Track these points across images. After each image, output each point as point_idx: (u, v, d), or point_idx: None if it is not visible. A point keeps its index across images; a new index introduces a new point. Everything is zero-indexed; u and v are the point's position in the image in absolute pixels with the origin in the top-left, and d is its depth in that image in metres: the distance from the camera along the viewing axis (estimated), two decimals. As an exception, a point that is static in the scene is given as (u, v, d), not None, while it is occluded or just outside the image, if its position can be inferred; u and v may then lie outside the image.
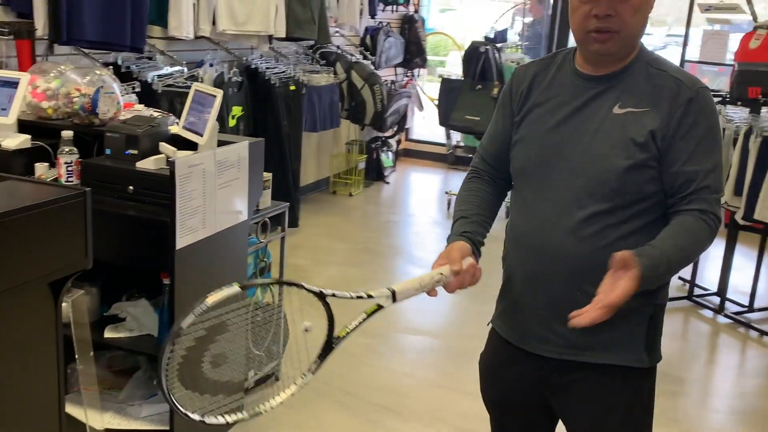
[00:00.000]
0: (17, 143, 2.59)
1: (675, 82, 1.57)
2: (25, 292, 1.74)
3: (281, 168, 5.08)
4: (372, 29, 6.85)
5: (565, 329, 1.64)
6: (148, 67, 4.12)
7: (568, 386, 1.69)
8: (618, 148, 1.56)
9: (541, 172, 1.65)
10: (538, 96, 1.70)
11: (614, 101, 1.59)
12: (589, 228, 1.59)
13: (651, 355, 1.67)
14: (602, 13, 1.52)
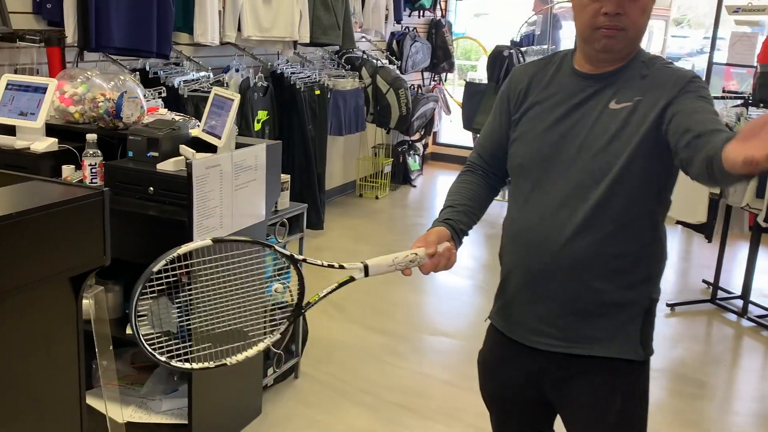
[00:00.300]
0: (45, 146, 2.69)
1: (670, 71, 1.62)
2: (47, 285, 1.82)
3: (306, 171, 5.17)
4: (398, 34, 6.91)
5: (565, 323, 1.69)
6: (175, 72, 4.23)
7: (566, 379, 1.72)
8: (616, 141, 1.59)
9: (540, 168, 1.68)
10: (536, 95, 1.73)
11: (611, 98, 1.63)
12: (589, 221, 1.61)
13: (646, 349, 1.70)
14: (612, 11, 1.56)
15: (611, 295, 1.65)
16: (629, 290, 1.66)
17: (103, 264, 1.98)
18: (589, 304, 1.66)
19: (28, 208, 1.71)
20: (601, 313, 1.67)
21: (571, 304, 1.67)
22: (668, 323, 4.28)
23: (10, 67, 3.36)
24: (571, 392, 1.73)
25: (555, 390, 1.75)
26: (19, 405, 1.73)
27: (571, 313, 1.68)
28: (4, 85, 2.75)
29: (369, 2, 5.80)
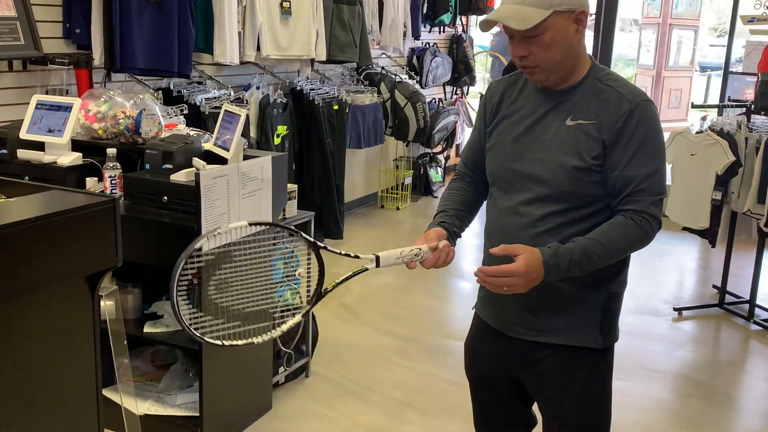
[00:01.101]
0: (70, 160, 2.93)
1: (617, 95, 1.75)
2: (65, 283, 2.02)
3: (326, 183, 5.38)
4: (419, 50, 7.11)
5: (531, 315, 1.88)
6: (198, 90, 4.47)
7: (534, 364, 1.90)
8: (569, 155, 1.76)
9: (507, 177, 1.87)
10: (506, 108, 1.91)
11: (566, 114, 1.79)
12: (545, 226, 1.79)
13: (605, 337, 1.87)
14: (517, 54, 1.76)
15: (570, 293, 1.83)
16: (587, 288, 1.83)
17: (116, 264, 2.18)
18: (551, 301, 1.84)
19: (44, 213, 1.93)
20: (561, 308, 1.85)
21: (535, 300, 1.84)
22: (675, 327, 4.37)
23: (42, 88, 3.62)
24: (539, 374, 1.91)
25: (525, 373, 1.94)
26: (38, 397, 1.88)
27: (535, 307, 1.86)
28: (34, 104, 2.99)
29: (386, 20, 6.01)
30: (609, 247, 1.72)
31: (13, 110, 3.47)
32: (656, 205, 1.75)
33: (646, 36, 13.56)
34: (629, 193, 1.74)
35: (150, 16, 3.83)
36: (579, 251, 1.70)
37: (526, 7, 1.69)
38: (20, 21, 3.42)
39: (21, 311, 1.84)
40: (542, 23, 1.69)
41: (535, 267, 1.68)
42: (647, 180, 1.73)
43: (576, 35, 1.75)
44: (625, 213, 1.74)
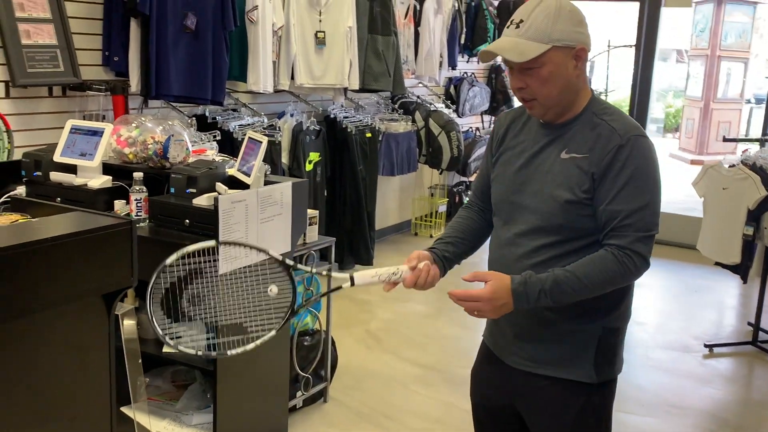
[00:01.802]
0: (100, 183, 3.04)
1: (609, 130, 1.76)
2: (82, 301, 2.10)
3: (357, 209, 5.44)
4: (456, 79, 7.17)
5: (526, 344, 1.89)
6: (232, 118, 4.59)
7: (529, 394, 1.91)
8: (561, 189, 1.78)
9: (507, 209, 1.90)
10: (510, 140, 1.94)
11: (562, 148, 1.81)
12: (537, 258, 1.81)
13: (600, 372, 1.86)
14: (515, 86, 1.80)
15: (562, 325, 1.83)
16: (580, 321, 1.83)
17: (131, 285, 2.26)
18: (544, 332, 1.85)
19: (63, 233, 2.01)
20: (554, 340, 1.85)
21: (529, 330, 1.87)
22: (705, 364, 4.28)
23: (80, 113, 3.77)
24: (533, 404, 1.92)
25: (521, 402, 1.94)
26: (52, 412, 1.93)
27: (529, 338, 1.87)
28: (69, 129, 3.12)
29: (422, 51, 6.09)
30: (583, 280, 1.71)
31: (52, 134, 3.62)
32: (642, 241, 1.73)
33: (695, 67, 13.42)
34: (614, 228, 1.73)
35: (185, 45, 3.97)
36: (551, 282, 1.71)
37: (525, 41, 1.72)
38: (60, 49, 3.58)
39: (38, 327, 1.91)
40: (540, 57, 1.72)
41: (502, 294, 1.70)
42: (633, 215, 1.72)
43: (575, 71, 1.77)
44: (609, 247, 1.74)
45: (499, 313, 1.73)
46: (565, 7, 1.75)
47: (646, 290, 5.78)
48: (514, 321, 1.87)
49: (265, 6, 4.41)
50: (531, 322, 1.85)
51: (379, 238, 6.34)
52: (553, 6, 1.73)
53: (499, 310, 1.72)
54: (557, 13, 1.73)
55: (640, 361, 4.32)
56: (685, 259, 6.34)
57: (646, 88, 7.02)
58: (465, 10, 6.95)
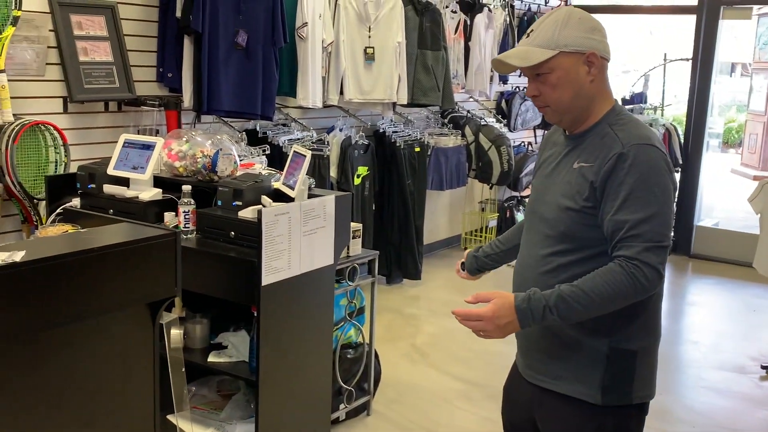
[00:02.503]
0: (150, 195, 3.13)
1: (613, 139, 1.75)
2: (127, 309, 2.16)
3: (405, 223, 5.45)
4: (508, 94, 7.15)
5: (539, 359, 1.90)
6: (282, 132, 4.67)
7: (544, 410, 1.91)
8: (565, 197, 1.80)
9: (530, 218, 1.95)
10: (544, 153, 1.99)
11: (575, 158, 1.82)
12: (546, 266, 1.82)
13: (607, 395, 1.79)
14: (529, 93, 1.83)
15: (569, 338, 1.81)
16: (588, 336, 1.80)
17: (175, 295, 2.31)
18: (552, 344, 1.84)
19: (109, 243, 2.08)
20: (562, 354, 1.84)
21: (538, 342, 1.87)
22: (761, 386, 4.14)
23: (134, 127, 3.89)
24: (548, 423, 1.91)
25: (538, 415, 1.94)
26: (96, 418, 1.99)
27: (540, 350, 1.88)
28: (122, 143, 3.22)
29: (472, 65, 6.09)
30: (590, 294, 1.68)
31: (107, 148, 3.74)
32: (652, 251, 1.67)
33: (758, 81, 13.06)
34: (621, 239, 1.70)
35: (236, 62, 4.06)
36: (555, 298, 1.68)
37: (532, 48, 1.76)
38: (116, 65, 3.71)
39: (86, 334, 1.97)
40: (547, 63, 1.74)
41: (505, 312, 1.69)
42: (640, 225, 1.68)
43: (587, 77, 1.77)
44: (617, 259, 1.70)
45: (504, 332, 1.72)
46: (575, 15, 1.78)
47: (700, 309, 5.64)
48: (531, 335, 1.89)
49: (315, 23, 4.48)
50: (543, 334, 1.86)
51: (429, 253, 6.33)
52: (562, 14, 1.78)
53: (503, 329, 1.71)
54: (566, 20, 1.76)
55: (692, 382, 4.21)
56: (743, 278, 6.16)
57: (703, 102, 6.86)
58: (517, 25, 6.94)
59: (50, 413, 1.88)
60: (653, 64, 7.80)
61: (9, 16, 3.22)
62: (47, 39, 3.52)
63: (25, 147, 3.41)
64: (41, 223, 3.38)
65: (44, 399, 1.85)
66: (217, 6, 3.94)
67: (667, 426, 3.62)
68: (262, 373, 2.81)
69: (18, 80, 3.41)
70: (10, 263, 1.73)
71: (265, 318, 2.78)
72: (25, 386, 1.80)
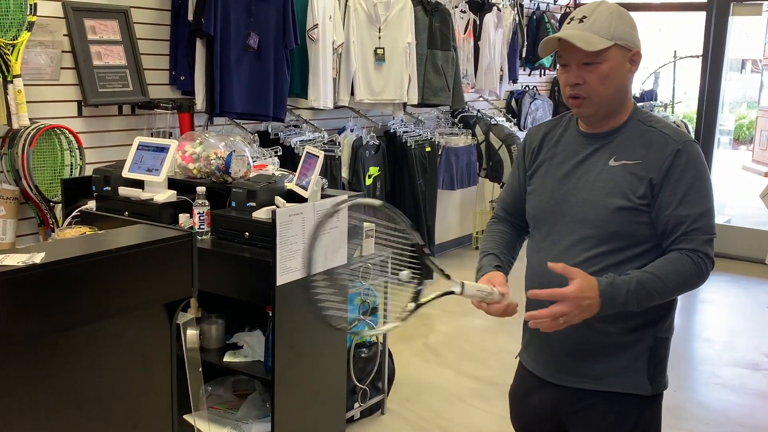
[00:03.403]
0: (165, 197, 3.16)
1: (663, 136, 1.77)
2: (147, 310, 2.18)
3: (416, 223, 5.47)
4: (518, 93, 7.15)
5: (577, 362, 1.86)
6: (294, 134, 4.70)
7: (580, 411, 1.88)
8: (614, 196, 1.77)
9: (550, 220, 1.88)
10: (546, 152, 1.93)
11: (609, 156, 1.80)
12: (591, 268, 1.76)
13: (654, 384, 1.83)
14: (571, 81, 1.77)
15: (615, 337, 1.81)
16: (633, 332, 1.81)
17: (191, 295, 2.33)
18: (595, 345, 1.82)
19: (132, 244, 2.10)
20: (607, 353, 1.83)
21: (579, 345, 1.83)
22: (777, 382, 4.14)
23: (148, 130, 3.92)
24: (583, 423, 1.89)
25: (571, 420, 1.91)
26: (115, 416, 2.01)
27: (580, 352, 1.84)
28: (136, 146, 3.25)
29: (482, 65, 6.10)
30: (666, 281, 1.71)
31: (121, 150, 3.77)
32: (709, 244, 1.75)
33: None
34: (683, 233, 1.73)
35: (248, 64, 4.09)
36: (636, 283, 1.69)
37: (591, 33, 1.74)
38: (129, 69, 3.74)
39: (104, 334, 1.99)
40: (604, 52, 1.73)
41: (589, 293, 1.65)
42: (700, 220, 1.73)
43: (628, 74, 1.79)
44: (680, 251, 1.73)
45: (583, 316, 1.67)
46: (624, 11, 1.80)
47: (713, 306, 5.62)
48: (565, 339, 1.83)
49: (326, 24, 4.51)
50: (582, 336, 1.81)
51: (440, 252, 6.34)
52: (614, 8, 1.78)
53: (585, 311, 1.66)
54: (618, 13, 1.77)
55: (706, 379, 4.20)
56: (756, 274, 6.14)
57: (713, 99, 6.85)
58: (526, 24, 6.94)
59: (70, 414, 1.90)
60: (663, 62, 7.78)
61: (24, 22, 3.25)
62: (62, 44, 3.56)
63: (41, 151, 3.45)
64: (57, 225, 3.41)
65: (64, 399, 1.88)
66: (229, 9, 3.97)
67: (681, 423, 3.62)
68: (277, 373, 2.83)
69: (33, 85, 3.45)
70: (30, 265, 1.75)
71: (279, 318, 2.80)
72: (44, 387, 1.82)
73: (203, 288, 3.10)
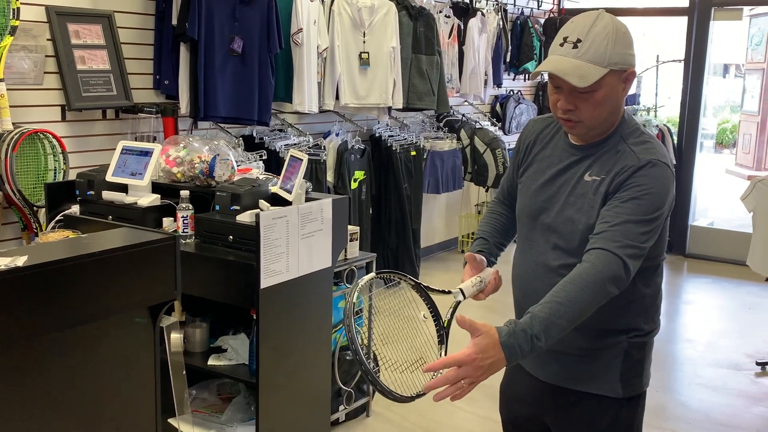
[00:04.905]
0: (149, 201, 3.15)
1: (630, 154, 1.73)
2: (130, 313, 2.19)
3: (402, 227, 5.49)
4: (502, 97, 7.20)
5: (554, 361, 1.89)
6: (278, 138, 4.71)
7: (558, 409, 1.92)
8: (581, 213, 1.77)
9: (529, 224, 1.90)
10: (537, 152, 1.93)
11: (586, 170, 1.79)
12: (559, 277, 1.73)
13: (627, 387, 1.85)
14: (564, 107, 1.72)
15: (590, 342, 1.83)
16: (606, 338, 1.83)
17: (174, 297, 2.34)
18: (570, 348, 1.85)
19: (114, 247, 2.10)
20: (582, 355, 1.85)
21: (559, 344, 1.84)
22: (756, 382, 4.18)
23: (132, 134, 3.92)
24: (562, 420, 1.92)
25: (550, 417, 1.95)
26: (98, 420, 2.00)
27: (556, 353, 1.87)
28: (120, 150, 3.25)
29: (466, 69, 6.13)
30: (568, 304, 1.60)
31: (105, 155, 3.77)
32: (630, 250, 1.64)
33: (751, 82, 13.13)
34: (606, 230, 1.66)
35: (232, 68, 4.10)
36: (538, 324, 1.57)
37: (585, 63, 1.66)
38: (113, 73, 3.75)
39: (88, 337, 1.97)
40: (599, 80, 1.66)
41: (490, 352, 1.54)
42: (629, 225, 1.65)
43: (622, 94, 1.74)
44: (591, 252, 1.65)
45: (490, 372, 1.56)
46: (621, 28, 1.71)
47: (696, 307, 5.68)
48: None
49: (310, 29, 4.52)
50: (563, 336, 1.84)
51: (426, 256, 6.37)
52: (611, 27, 1.69)
53: (489, 369, 1.55)
54: (615, 35, 1.68)
55: (689, 379, 4.24)
56: (738, 276, 6.20)
57: (695, 103, 6.92)
58: (510, 29, 6.99)
59: (52, 417, 1.90)
60: (646, 66, 7.86)
61: (7, 26, 3.25)
62: (45, 48, 3.56)
63: (25, 155, 3.44)
64: (41, 230, 3.41)
65: (46, 403, 1.87)
66: (213, 13, 3.98)
67: (663, 423, 3.66)
68: (261, 376, 2.83)
69: (16, 89, 3.45)
70: (13, 268, 1.75)
71: (264, 321, 2.81)
72: (27, 391, 1.82)
73: (187, 291, 3.10)
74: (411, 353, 1.77)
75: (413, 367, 1.67)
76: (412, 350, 1.80)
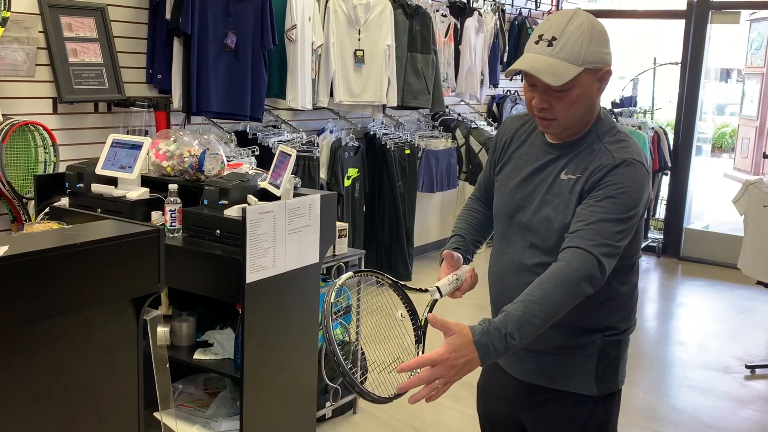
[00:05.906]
0: (138, 195, 3.16)
1: (605, 153, 1.73)
2: (114, 304, 2.18)
3: (395, 225, 5.49)
4: (499, 97, 7.19)
5: (530, 359, 1.89)
6: (272, 134, 4.71)
7: (533, 407, 1.92)
8: (556, 212, 1.77)
9: (506, 222, 1.89)
10: (514, 150, 1.92)
11: (562, 168, 1.78)
12: (535, 276, 1.71)
13: (601, 385, 1.84)
14: (538, 105, 1.72)
15: (565, 340, 1.83)
16: (582, 336, 1.83)
17: (158, 291, 2.33)
18: (545, 347, 1.84)
19: (98, 239, 2.10)
20: (559, 353, 1.85)
21: (535, 342, 1.84)
22: (745, 385, 4.18)
23: (124, 128, 3.92)
24: (538, 417, 1.92)
25: (525, 414, 1.95)
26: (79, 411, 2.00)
27: (532, 351, 1.87)
28: (110, 143, 3.25)
29: (463, 68, 6.13)
30: (542, 303, 1.59)
31: (97, 148, 3.76)
32: (605, 248, 1.64)
33: (750, 86, 13.14)
34: (580, 229, 1.66)
35: (225, 63, 4.10)
36: (512, 322, 1.56)
37: (559, 61, 1.65)
38: (105, 67, 3.74)
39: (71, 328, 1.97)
40: (573, 79, 1.65)
41: (463, 351, 1.52)
42: (603, 224, 1.65)
43: (597, 93, 1.74)
44: (566, 251, 1.65)
45: (463, 372, 1.54)
46: (596, 26, 1.70)
47: (688, 310, 5.68)
48: None
49: (304, 25, 4.52)
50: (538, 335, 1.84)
51: (420, 255, 6.37)
52: (586, 25, 1.68)
53: (462, 369, 1.53)
54: (590, 33, 1.67)
55: (678, 381, 4.24)
56: (731, 279, 6.20)
57: (692, 106, 6.91)
58: (508, 29, 6.99)
59: (34, 407, 1.90)
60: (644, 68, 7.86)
61: (-1, 18, 3.25)
62: (37, 40, 3.55)
63: (15, 147, 3.44)
64: (30, 222, 3.41)
65: (28, 393, 1.87)
66: (207, 8, 3.98)
67: (652, 424, 3.66)
68: (246, 371, 2.83)
69: (8, 81, 3.45)
70: (-7, 257, 1.75)
71: (249, 315, 2.81)
72: (8, 380, 1.82)
73: (174, 285, 3.11)
74: (389, 353, 1.76)
75: (390, 367, 1.65)
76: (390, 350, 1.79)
